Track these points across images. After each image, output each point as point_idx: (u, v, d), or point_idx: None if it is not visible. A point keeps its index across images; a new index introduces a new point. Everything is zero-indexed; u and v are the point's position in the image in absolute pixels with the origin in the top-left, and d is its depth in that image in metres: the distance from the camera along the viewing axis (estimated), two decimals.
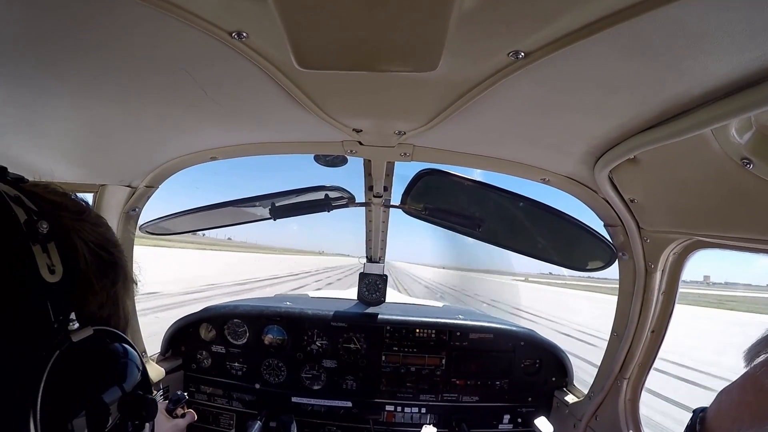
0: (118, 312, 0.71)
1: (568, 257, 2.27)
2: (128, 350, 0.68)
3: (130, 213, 1.88)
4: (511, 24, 0.77)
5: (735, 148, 0.97)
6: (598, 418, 1.99)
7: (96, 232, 0.67)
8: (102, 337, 0.63)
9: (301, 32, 0.77)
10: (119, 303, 0.71)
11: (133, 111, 1.24)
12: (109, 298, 0.68)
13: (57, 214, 0.61)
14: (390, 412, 2.49)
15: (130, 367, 0.66)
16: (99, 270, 0.65)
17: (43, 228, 0.56)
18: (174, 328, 2.56)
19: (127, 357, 0.67)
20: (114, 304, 0.69)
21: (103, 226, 0.70)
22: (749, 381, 0.71)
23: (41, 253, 0.55)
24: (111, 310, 0.69)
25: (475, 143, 1.51)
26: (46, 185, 0.66)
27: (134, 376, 0.66)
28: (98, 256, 0.65)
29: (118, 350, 0.66)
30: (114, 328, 0.67)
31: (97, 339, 0.61)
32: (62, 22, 0.81)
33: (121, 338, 0.67)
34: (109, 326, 0.66)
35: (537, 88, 1.01)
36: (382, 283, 2.73)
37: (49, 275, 0.55)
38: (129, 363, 0.67)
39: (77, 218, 0.65)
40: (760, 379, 0.68)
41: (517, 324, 2.67)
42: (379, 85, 1.06)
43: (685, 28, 0.70)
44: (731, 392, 0.76)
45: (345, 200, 2.20)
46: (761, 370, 0.69)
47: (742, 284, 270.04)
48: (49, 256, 0.56)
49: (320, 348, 2.52)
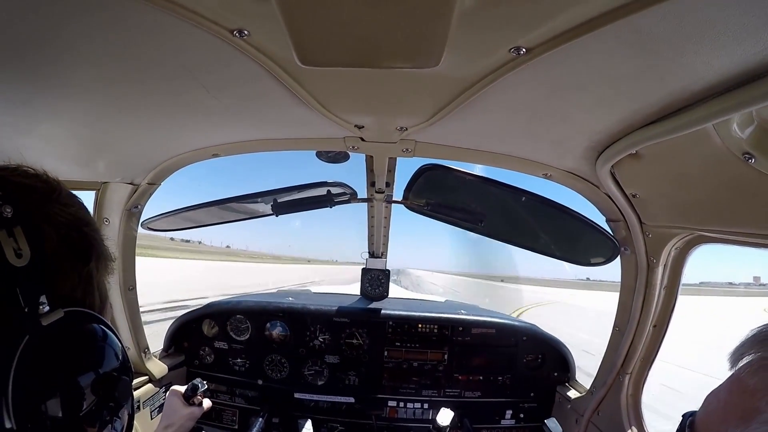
0: (93, 292, 0.69)
1: (570, 252, 2.27)
2: (102, 331, 0.67)
3: (132, 210, 1.89)
4: (513, 20, 0.77)
5: (736, 142, 0.97)
6: (600, 413, 1.99)
7: (66, 212, 0.66)
8: (74, 319, 0.62)
9: (303, 29, 0.77)
10: (93, 283, 0.70)
11: (134, 109, 1.24)
12: (82, 278, 0.67)
13: (24, 196, 0.61)
14: (392, 408, 2.51)
15: (103, 348, 0.65)
16: (69, 251, 0.65)
17: (6, 212, 0.55)
18: (177, 325, 2.58)
19: (100, 338, 0.66)
20: (88, 284, 0.68)
21: (75, 205, 0.70)
22: (735, 383, 0.72)
23: (7, 237, 0.55)
24: (85, 291, 0.67)
25: (477, 139, 1.51)
26: (15, 168, 0.66)
27: (108, 356, 0.65)
28: (68, 237, 0.65)
29: (91, 331, 0.65)
30: (89, 308, 0.66)
31: (69, 321, 0.60)
32: (63, 21, 0.81)
33: (95, 318, 0.66)
34: (84, 307, 0.65)
35: (538, 84, 1.01)
36: (385, 278, 2.74)
37: (16, 259, 0.55)
38: (102, 344, 0.66)
39: (46, 200, 0.64)
40: (744, 381, 0.70)
41: (519, 319, 2.68)
42: (381, 82, 1.06)
43: (686, 23, 0.69)
44: (718, 395, 0.77)
45: (347, 196, 2.20)
46: (745, 372, 0.70)
47: None
48: (15, 240, 0.55)
49: (323, 343, 2.54)
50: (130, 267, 1.99)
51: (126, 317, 2.02)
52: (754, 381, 0.68)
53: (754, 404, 0.66)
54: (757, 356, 0.71)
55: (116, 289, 1.96)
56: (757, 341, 0.72)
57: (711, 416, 0.77)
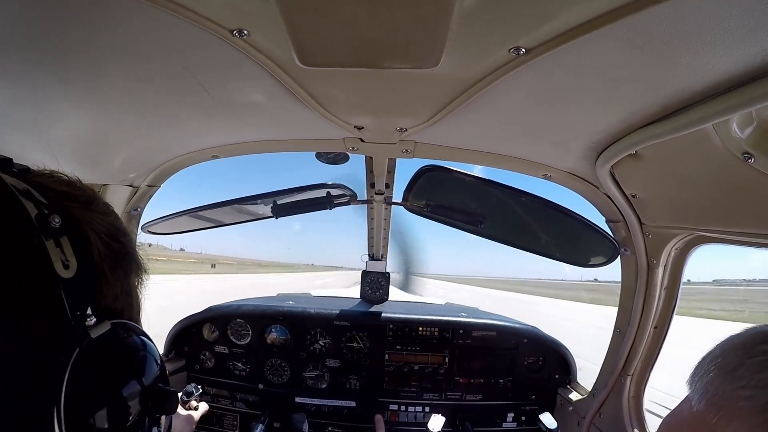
0: (132, 303, 0.69)
1: (570, 253, 2.27)
2: (146, 342, 0.66)
3: (132, 213, 1.88)
4: (512, 20, 0.77)
5: (736, 142, 0.97)
6: (602, 415, 1.99)
7: (106, 221, 0.64)
8: (119, 331, 0.61)
9: (304, 30, 0.77)
10: (132, 294, 0.69)
11: (134, 110, 1.24)
12: (123, 289, 0.66)
13: (66, 205, 0.59)
14: (394, 412, 2.49)
15: (149, 360, 0.65)
16: (112, 261, 0.63)
17: (55, 222, 0.54)
18: (177, 329, 2.56)
19: (146, 349, 0.65)
20: (128, 295, 0.67)
21: (112, 215, 0.68)
22: (703, 425, 0.63)
23: (54, 248, 0.53)
24: (125, 302, 0.67)
25: (477, 139, 1.51)
26: (50, 174, 0.64)
27: (153, 368, 0.65)
28: (110, 247, 0.63)
29: (136, 343, 0.64)
30: (129, 319, 0.66)
31: (115, 333, 0.60)
32: (64, 21, 0.81)
33: (137, 330, 0.66)
34: (124, 318, 0.64)
35: (538, 84, 1.01)
36: (385, 281, 2.73)
37: (64, 271, 0.53)
38: (147, 355, 0.65)
39: (87, 208, 0.62)
40: (716, 426, 0.60)
41: (520, 321, 2.67)
42: (381, 82, 1.06)
43: (686, 23, 0.70)
44: (680, 429, 0.68)
45: (347, 197, 2.20)
46: (715, 416, 0.61)
47: None
48: (62, 251, 0.54)
49: (323, 347, 2.53)
50: None
51: None
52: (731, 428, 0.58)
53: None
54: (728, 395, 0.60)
55: None
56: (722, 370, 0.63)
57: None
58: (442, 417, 2.15)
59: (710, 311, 39.98)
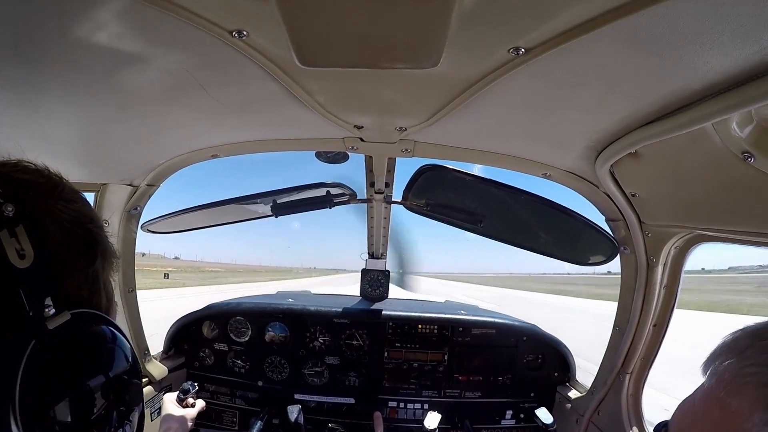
0: (99, 291, 0.67)
1: (569, 252, 2.27)
2: (111, 332, 0.64)
3: (131, 212, 1.88)
4: (512, 20, 0.77)
5: (736, 141, 0.97)
6: (600, 413, 1.99)
7: (70, 208, 0.63)
8: (82, 321, 0.59)
9: (303, 30, 0.77)
10: (99, 281, 0.67)
11: (134, 110, 1.24)
12: (88, 277, 0.64)
13: (26, 194, 0.58)
14: (393, 409, 2.50)
15: (111, 350, 0.63)
16: (75, 249, 0.62)
17: (8, 211, 0.53)
18: (176, 326, 2.57)
19: (110, 340, 0.63)
20: (94, 283, 0.65)
21: (78, 201, 0.67)
22: (712, 400, 0.70)
23: (8, 238, 0.52)
24: (91, 290, 0.65)
25: (477, 139, 1.51)
26: (15, 164, 0.63)
27: (117, 359, 0.63)
28: (73, 235, 0.62)
29: (99, 333, 0.62)
30: (95, 308, 0.64)
31: (76, 323, 0.58)
32: (63, 22, 0.81)
33: (103, 320, 0.64)
34: (90, 307, 0.62)
35: (538, 84, 1.01)
36: (385, 279, 2.73)
37: (19, 260, 0.52)
38: (111, 346, 0.63)
39: (49, 196, 0.62)
40: (724, 400, 0.67)
41: (519, 319, 2.67)
42: (381, 82, 1.06)
43: (685, 22, 0.70)
44: (694, 409, 0.74)
45: (346, 197, 2.20)
46: (724, 390, 0.67)
47: None
48: (18, 241, 0.53)
49: (323, 344, 2.53)
50: (129, 269, 1.99)
51: (126, 319, 2.02)
52: (737, 400, 0.65)
53: (741, 425, 0.63)
54: (738, 371, 0.67)
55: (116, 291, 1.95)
56: (733, 351, 0.70)
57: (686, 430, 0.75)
58: (439, 414, 2.15)
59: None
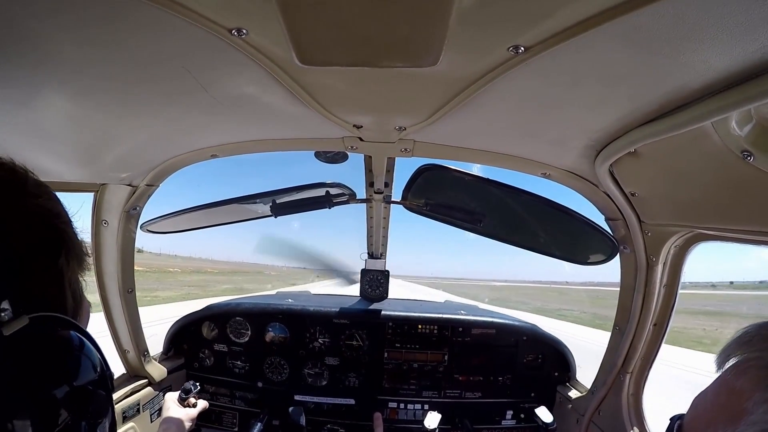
0: (64, 292, 0.61)
1: (569, 251, 2.27)
2: (76, 338, 0.59)
3: (131, 212, 1.88)
4: (511, 18, 0.77)
5: (735, 140, 0.97)
6: (601, 412, 1.99)
7: (33, 203, 0.59)
8: (41, 326, 0.54)
9: (303, 29, 0.77)
10: (64, 281, 0.61)
11: (132, 109, 1.24)
12: (52, 277, 0.59)
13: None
14: (393, 409, 2.50)
15: (75, 358, 0.58)
16: (36, 247, 0.58)
17: None
18: (176, 327, 2.57)
19: (73, 346, 0.58)
20: (57, 283, 0.60)
21: (43, 195, 0.61)
22: (722, 385, 0.74)
23: None
24: (56, 292, 0.60)
25: (476, 138, 1.50)
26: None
27: (82, 367, 0.58)
28: (35, 231, 0.58)
29: (60, 339, 0.57)
30: (60, 311, 0.58)
31: (35, 328, 0.52)
32: (62, 21, 0.81)
33: (67, 324, 0.59)
34: (54, 310, 0.57)
35: (537, 83, 1.01)
36: (384, 279, 2.73)
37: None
38: (75, 353, 0.58)
39: (10, 190, 0.57)
40: (731, 382, 0.71)
41: (519, 319, 2.67)
42: (380, 81, 1.06)
43: (685, 20, 0.69)
44: (705, 397, 0.78)
45: (346, 197, 2.20)
46: (732, 374, 0.72)
47: None
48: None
49: (322, 345, 2.53)
50: (129, 269, 1.99)
51: (125, 320, 2.02)
52: (740, 382, 0.69)
53: (742, 405, 0.66)
54: (743, 357, 0.72)
55: (115, 291, 1.96)
56: (743, 342, 0.74)
57: (699, 418, 0.78)
58: (438, 414, 2.15)
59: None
